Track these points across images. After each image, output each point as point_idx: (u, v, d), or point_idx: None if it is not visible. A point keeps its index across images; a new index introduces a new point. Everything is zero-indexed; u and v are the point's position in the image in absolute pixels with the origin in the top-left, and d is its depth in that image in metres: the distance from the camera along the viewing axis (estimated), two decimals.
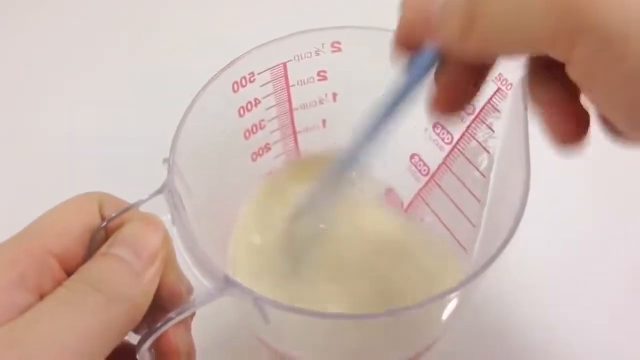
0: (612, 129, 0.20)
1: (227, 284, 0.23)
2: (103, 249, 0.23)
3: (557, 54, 0.18)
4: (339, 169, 0.26)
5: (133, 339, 0.24)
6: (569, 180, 0.43)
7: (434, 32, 0.21)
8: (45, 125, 0.48)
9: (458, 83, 0.23)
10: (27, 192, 0.43)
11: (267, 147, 0.35)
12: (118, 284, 0.22)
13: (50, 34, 0.54)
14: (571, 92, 0.21)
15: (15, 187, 0.44)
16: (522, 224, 0.24)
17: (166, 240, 0.24)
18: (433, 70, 0.23)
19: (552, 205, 0.39)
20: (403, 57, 0.23)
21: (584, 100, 0.21)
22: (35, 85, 0.51)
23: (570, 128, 0.21)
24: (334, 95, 0.34)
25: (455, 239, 0.32)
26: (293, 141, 0.36)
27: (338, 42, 0.32)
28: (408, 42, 0.23)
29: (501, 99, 0.30)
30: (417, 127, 0.33)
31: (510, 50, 0.20)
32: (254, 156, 0.35)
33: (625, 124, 0.19)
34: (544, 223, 0.38)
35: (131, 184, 0.28)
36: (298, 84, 0.33)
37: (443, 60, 0.22)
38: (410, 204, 0.34)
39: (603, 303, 0.38)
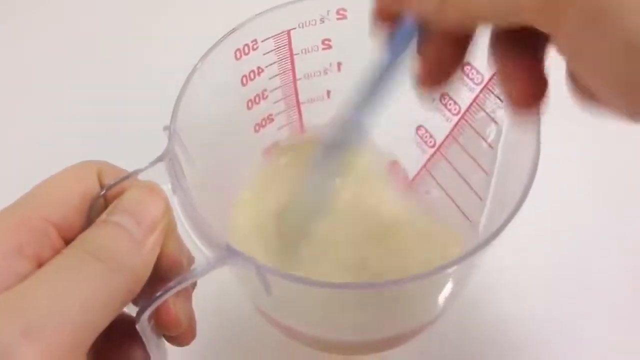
0: (583, 93, 0.19)
1: (229, 252, 0.22)
2: (103, 216, 0.23)
3: (542, 26, 0.18)
4: (335, 144, 0.26)
5: (132, 311, 0.23)
6: (568, 177, 0.42)
7: (412, 3, 0.21)
8: (46, 102, 0.48)
9: (441, 56, 0.22)
10: (26, 164, 0.42)
11: (270, 118, 0.34)
12: (118, 253, 0.21)
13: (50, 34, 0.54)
14: (533, 55, 0.20)
15: (15, 160, 0.44)
16: (520, 222, 0.23)
17: (167, 208, 0.23)
18: (414, 44, 0.22)
19: (551, 201, 0.39)
20: (383, 32, 0.23)
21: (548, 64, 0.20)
22: (36, 71, 0.51)
23: (528, 90, 0.20)
24: (339, 64, 0.33)
25: (462, 212, 0.32)
26: (297, 112, 0.35)
27: (344, 9, 0.31)
28: (386, 16, 0.22)
29: None
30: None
31: (491, 20, 0.19)
32: (257, 127, 0.34)
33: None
34: (542, 220, 0.38)
35: (132, 154, 0.28)
36: (302, 52, 0.32)
37: (423, 33, 0.22)
38: (416, 176, 0.34)
39: (603, 298, 0.37)
